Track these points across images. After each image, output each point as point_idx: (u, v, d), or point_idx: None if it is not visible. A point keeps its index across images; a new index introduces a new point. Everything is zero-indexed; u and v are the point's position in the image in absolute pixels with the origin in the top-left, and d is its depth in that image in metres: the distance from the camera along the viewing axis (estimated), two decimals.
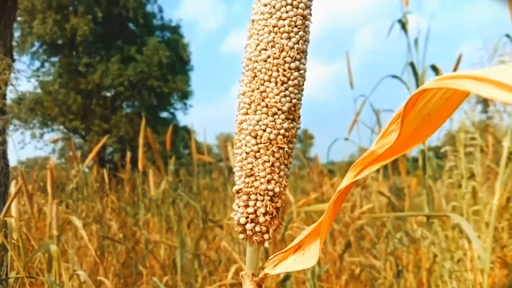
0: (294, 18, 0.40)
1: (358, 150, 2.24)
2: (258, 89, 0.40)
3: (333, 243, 2.06)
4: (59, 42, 10.28)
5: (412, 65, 1.35)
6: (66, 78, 10.16)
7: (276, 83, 0.40)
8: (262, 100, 0.40)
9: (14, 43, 2.36)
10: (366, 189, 2.33)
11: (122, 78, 9.89)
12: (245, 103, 0.41)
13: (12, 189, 1.03)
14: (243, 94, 0.41)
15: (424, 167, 1.36)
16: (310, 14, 0.41)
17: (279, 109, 0.40)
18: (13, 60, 2.20)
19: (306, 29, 0.41)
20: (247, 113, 0.41)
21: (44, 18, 9.56)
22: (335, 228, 2.06)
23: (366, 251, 2.03)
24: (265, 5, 0.41)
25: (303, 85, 0.41)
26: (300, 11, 0.40)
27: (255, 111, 0.40)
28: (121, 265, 2.20)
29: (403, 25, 1.39)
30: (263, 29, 0.40)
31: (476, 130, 1.31)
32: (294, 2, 0.40)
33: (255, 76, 0.40)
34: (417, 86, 1.34)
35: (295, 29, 0.40)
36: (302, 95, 0.42)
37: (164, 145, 2.59)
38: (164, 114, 11.59)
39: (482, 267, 1.00)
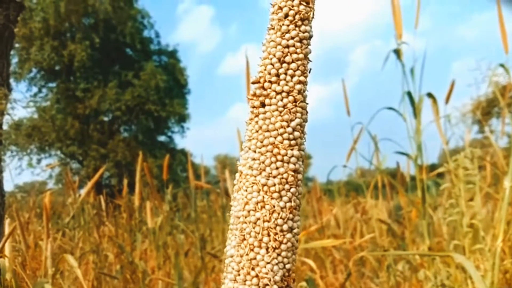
0: (285, 175, 0.36)
1: (356, 173, 2.24)
2: (247, 255, 0.36)
3: (334, 271, 2.03)
4: (57, 68, 10.34)
5: (409, 94, 1.35)
6: (64, 103, 10.19)
7: (267, 249, 0.35)
8: (252, 269, 0.36)
9: (11, 70, 2.36)
10: (365, 215, 2.31)
11: (120, 103, 9.92)
12: (233, 269, 0.37)
13: (6, 228, 1.02)
14: (231, 257, 0.37)
15: (423, 197, 1.35)
16: (302, 163, 0.37)
17: (270, 280, 0.35)
18: (10, 89, 2.20)
19: (299, 182, 0.37)
20: (235, 281, 0.36)
21: (42, 45, 9.64)
22: (335, 257, 2.04)
23: (367, 278, 2.00)
24: (254, 159, 0.37)
25: (297, 242, 0.37)
26: (291, 166, 0.36)
27: (244, 281, 0.36)
28: None
29: (398, 55, 1.39)
30: (252, 186, 0.36)
31: (475, 160, 1.30)
32: (285, 158, 0.36)
33: (244, 239, 0.36)
34: (415, 115, 1.35)
35: (287, 186, 0.36)
36: (296, 254, 0.37)
37: (162, 169, 2.56)
38: (162, 138, 11.60)
39: None
